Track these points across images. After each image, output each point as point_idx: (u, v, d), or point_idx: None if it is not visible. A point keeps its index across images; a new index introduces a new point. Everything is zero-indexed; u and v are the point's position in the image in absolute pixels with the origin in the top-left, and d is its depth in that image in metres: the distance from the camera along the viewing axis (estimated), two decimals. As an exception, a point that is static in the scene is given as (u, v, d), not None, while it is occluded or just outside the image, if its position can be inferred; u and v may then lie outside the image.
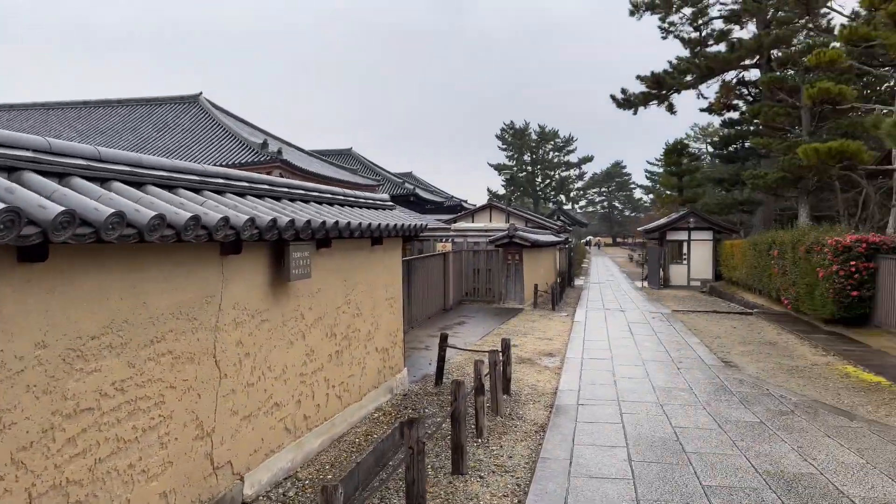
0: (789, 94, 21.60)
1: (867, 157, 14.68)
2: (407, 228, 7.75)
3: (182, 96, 35.81)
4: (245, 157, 28.96)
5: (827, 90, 15.30)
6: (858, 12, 15.75)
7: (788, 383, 8.96)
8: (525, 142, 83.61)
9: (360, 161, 50.41)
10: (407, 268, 13.23)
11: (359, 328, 6.96)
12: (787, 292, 16.61)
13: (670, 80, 34.82)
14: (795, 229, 17.36)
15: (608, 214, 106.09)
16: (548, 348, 11.64)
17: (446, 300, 16.75)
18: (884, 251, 13.22)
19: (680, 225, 28.31)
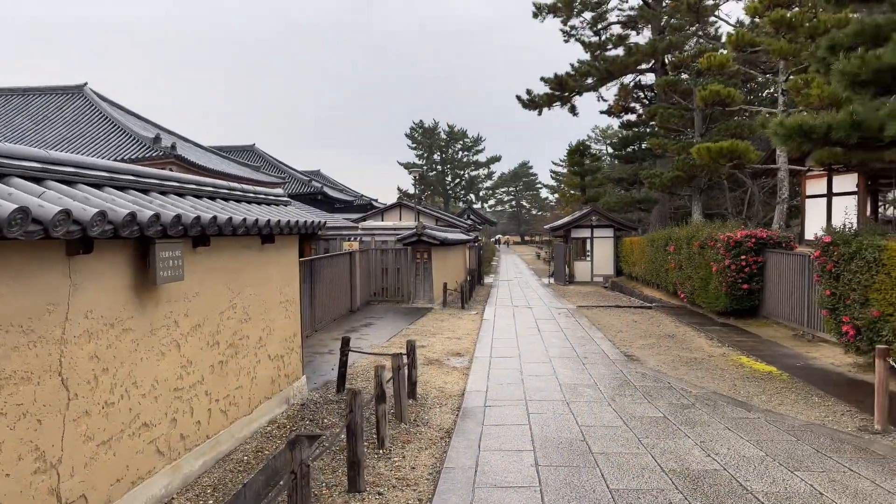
0: (683, 96, 22.64)
1: (754, 156, 15.50)
2: (303, 226, 7.19)
3: (65, 87, 32.89)
4: (135, 152, 27.00)
5: (717, 92, 16.07)
6: (743, 21, 16.62)
7: (688, 376, 9.15)
8: (435, 141, 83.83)
9: (263, 158, 48.44)
10: (309, 268, 12.58)
11: (248, 335, 6.34)
12: (684, 286, 17.30)
13: (572, 83, 35.81)
14: (690, 226, 18.14)
15: (516, 213, 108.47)
16: (456, 348, 11.38)
17: (353, 301, 16.17)
18: (771, 245, 13.96)
19: (583, 223, 29.11)
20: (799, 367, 9.63)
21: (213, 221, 4.98)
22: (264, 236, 6.60)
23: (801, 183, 23.39)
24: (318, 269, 13.26)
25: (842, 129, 9.15)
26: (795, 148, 10.02)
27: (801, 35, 15.02)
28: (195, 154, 32.65)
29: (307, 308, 12.35)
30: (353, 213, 45.57)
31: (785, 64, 15.62)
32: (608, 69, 33.69)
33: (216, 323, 5.68)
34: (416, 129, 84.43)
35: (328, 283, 14.02)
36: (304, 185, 44.56)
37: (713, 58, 16.01)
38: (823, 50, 10.19)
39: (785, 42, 15.07)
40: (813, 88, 13.68)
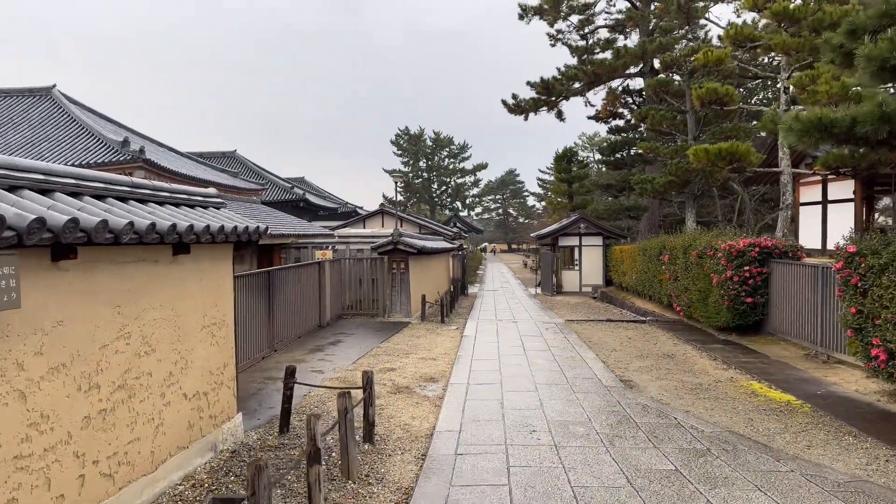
0: (675, 98, 21.57)
1: (755, 158, 14.38)
2: (231, 232, 5.84)
3: (32, 88, 31.41)
4: (102, 155, 25.64)
5: (715, 90, 14.94)
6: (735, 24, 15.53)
7: (696, 407, 7.88)
8: (420, 148, 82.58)
9: (244, 164, 46.99)
10: (266, 280, 11.20)
11: (149, 371, 4.97)
12: (680, 299, 16.10)
13: (559, 87, 34.76)
14: (686, 234, 16.98)
15: (503, 221, 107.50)
16: (431, 371, 10.03)
17: (322, 315, 14.78)
18: (776, 255, 12.79)
19: (571, 230, 27.94)
20: (820, 396, 8.40)
21: (72, 226, 3.63)
22: (177, 245, 5.24)
23: (794, 190, 22.48)
24: (279, 280, 11.88)
25: (868, 123, 7.97)
26: (812, 145, 8.84)
27: (805, 28, 13.94)
28: (168, 159, 31.22)
29: (265, 325, 10.98)
30: (337, 220, 44.18)
31: (787, 60, 14.53)
32: (596, 73, 32.63)
33: (96, 360, 4.31)
34: (402, 135, 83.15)
35: (291, 297, 12.64)
36: (285, 192, 43.22)
37: (710, 53, 14.91)
38: (841, 35, 9.03)
39: (787, 36, 13.98)
40: (820, 84, 12.57)
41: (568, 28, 38.05)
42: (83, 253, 4.11)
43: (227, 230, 5.74)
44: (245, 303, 10.01)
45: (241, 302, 9.82)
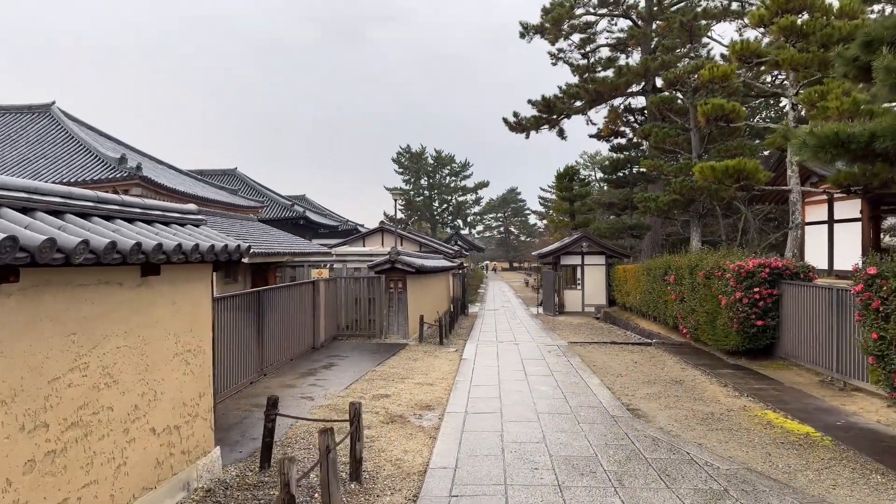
0: (678, 115, 21.26)
1: (763, 176, 13.97)
2: (208, 251, 5.39)
3: (31, 105, 31.35)
4: (99, 172, 25.40)
5: (721, 106, 14.58)
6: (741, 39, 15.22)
7: (708, 439, 7.36)
8: (422, 166, 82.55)
9: (244, 182, 46.85)
10: (257, 301, 10.75)
11: (110, 405, 4.49)
12: (686, 321, 15.59)
13: (561, 105, 34.58)
14: (692, 254, 16.52)
15: (505, 239, 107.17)
16: (427, 398, 9.52)
17: (316, 337, 14.28)
18: (787, 276, 12.32)
19: (573, 249, 27.48)
20: (840, 428, 7.87)
21: (12, 245, 3.18)
22: (144, 266, 4.80)
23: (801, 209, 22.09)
24: (269, 301, 11.41)
25: (889, 137, 7.55)
26: (829, 160, 8.42)
27: (814, 43, 13.61)
28: (166, 176, 31.00)
29: (253, 348, 10.50)
30: (337, 238, 43.83)
31: (794, 76, 14.18)
32: (598, 90, 32.46)
33: (44, 395, 3.84)
34: (404, 154, 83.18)
35: (283, 318, 12.16)
36: (285, 210, 43.02)
37: (716, 69, 14.57)
38: (857, 48, 8.65)
39: (795, 51, 13.64)
40: (831, 100, 12.20)
41: (569, 47, 37.99)
42: (28, 276, 3.67)
43: (203, 249, 5.29)
44: (231, 325, 9.54)
45: (226, 325, 9.36)
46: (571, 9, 33.52)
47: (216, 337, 8.69)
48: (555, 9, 33.29)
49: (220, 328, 9.05)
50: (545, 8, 34.46)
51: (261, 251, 15.85)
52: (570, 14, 33.75)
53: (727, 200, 20.47)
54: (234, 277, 17.20)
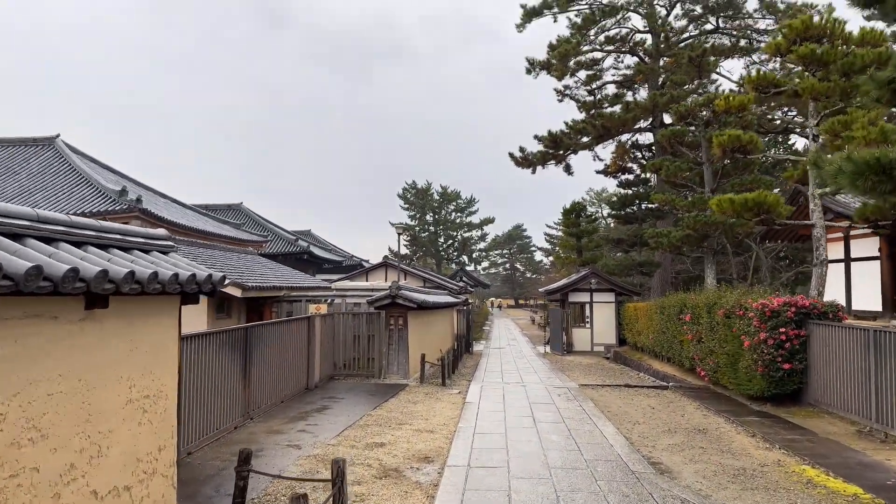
0: (690, 149, 20.70)
1: (784, 210, 13.25)
2: (171, 281, 4.66)
3: (35, 138, 31.36)
4: (99, 205, 25.09)
5: (737, 137, 13.95)
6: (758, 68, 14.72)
7: (745, 501, 6.46)
8: (427, 202, 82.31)
9: (249, 216, 46.66)
10: (243, 337, 9.97)
11: (35, 465, 3.70)
12: (704, 363, 14.68)
13: (567, 141, 34.22)
14: (709, 291, 15.70)
15: (510, 276, 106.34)
16: (426, 447, 8.64)
17: (311, 376, 13.42)
18: (814, 316, 11.47)
19: (582, 286, 26.64)
20: (892, 488, 6.96)
21: None
22: (89, 297, 4.06)
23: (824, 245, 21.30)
24: (259, 338, 10.63)
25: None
26: (870, 189, 7.67)
27: (834, 72, 13.04)
28: (168, 210, 30.67)
29: (238, 390, 9.69)
30: (341, 273, 43.22)
31: (814, 106, 13.59)
32: (605, 126, 32.10)
33: (-63, 458, 3.07)
34: (409, 189, 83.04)
35: (273, 356, 11.35)
36: (289, 245, 42.67)
37: (731, 99, 14.01)
38: (893, 69, 8.00)
39: (815, 80, 13.07)
40: (856, 130, 11.53)
41: (575, 84, 37.85)
42: (-82, 306, 2.94)
43: (164, 279, 4.56)
44: (213, 365, 8.76)
45: (207, 364, 8.58)
46: (578, 45, 33.42)
47: (189, 378, 7.92)
48: (561, 45, 33.20)
49: (199, 368, 8.28)
50: (551, 44, 34.40)
51: (255, 285, 15.13)
52: (576, 50, 33.63)
53: (742, 237, 19.71)
54: (228, 313, 16.46)
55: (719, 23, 34.26)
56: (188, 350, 7.90)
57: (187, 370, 7.85)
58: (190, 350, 7.94)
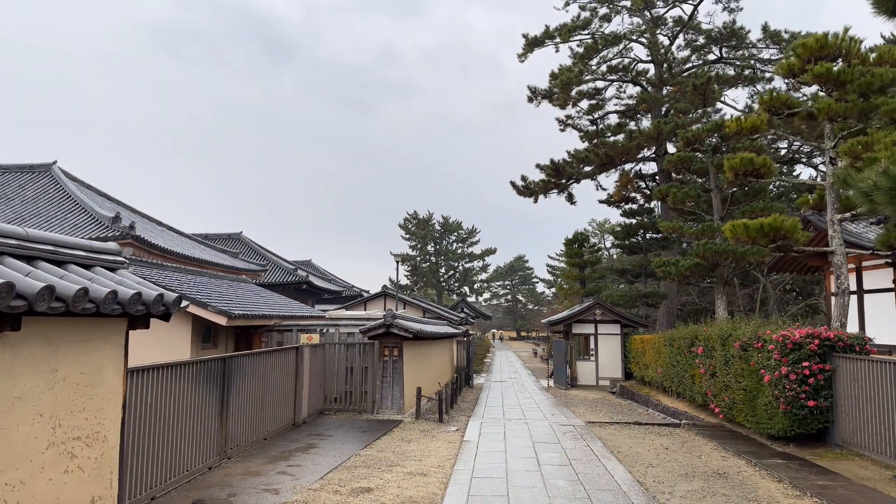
0: (697, 175, 20.08)
1: (802, 236, 12.51)
2: (110, 300, 3.90)
3: (32, 165, 31.17)
4: (92, 231, 24.62)
5: (750, 160, 13.30)
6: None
7: (784, 564, 5.56)
8: (429, 232, 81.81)
9: (248, 246, 46.25)
10: (221, 369, 9.15)
11: None
12: (719, 399, 13.76)
13: (570, 170, 33.75)
14: (722, 322, 14.87)
15: (512, 308, 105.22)
16: (418, 494, 7.75)
17: (297, 412, 12.53)
18: (840, 349, 10.63)
19: (586, 317, 25.76)
20: (949, 546, 6.06)
21: None
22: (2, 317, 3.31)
23: (825, 278, 20.46)
24: (239, 370, 9.80)
25: None
26: (909, 207, 6.95)
27: (852, 92, 12.45)
28: (164, 237, 30.14)
29: (213, 426, 8.83)
30: (341, 304, 42.51)
31: (831, 127, 12.96)
32: (608, 154, 31.61)
33: None
34: (411, 220, 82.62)
35: (256, 389, 10.50)
36: (288, 275, 42.09)
37: (743, 121, 13.40)
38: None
39: (832, 100, 12.47)
40: (879, 151, 10.88)
41: (577, 113, 37.57)
42: None
43: (98, 297, 3.80)
44: (184, 399, 7.93)
45: (177, 398, 7.75)
46: (580, 73, 33.17)
47: (154, 414, 7.07)
48: (563, 73, 32.96)
49: (166, 402, 7.45)
50: (553, 73, 34.18)
51: (241, 313, 14.33)
52: (578, 79, 33.38)
53: (752, 266, 18.95)
54: (214, 342, 15.63)
55: (722, 53, 34.12)
56: (153, 383, 7.09)
57: (152, 405, 7.03)
58: (155, 383, 7.13)
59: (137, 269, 14.86)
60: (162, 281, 14.64)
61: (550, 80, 34.53)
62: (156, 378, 7.11)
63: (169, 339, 13.85)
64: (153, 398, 7.02)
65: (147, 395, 6.90)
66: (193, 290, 15.01)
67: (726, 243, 17.41)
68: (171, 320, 14.26)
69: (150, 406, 6.93)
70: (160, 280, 14.70)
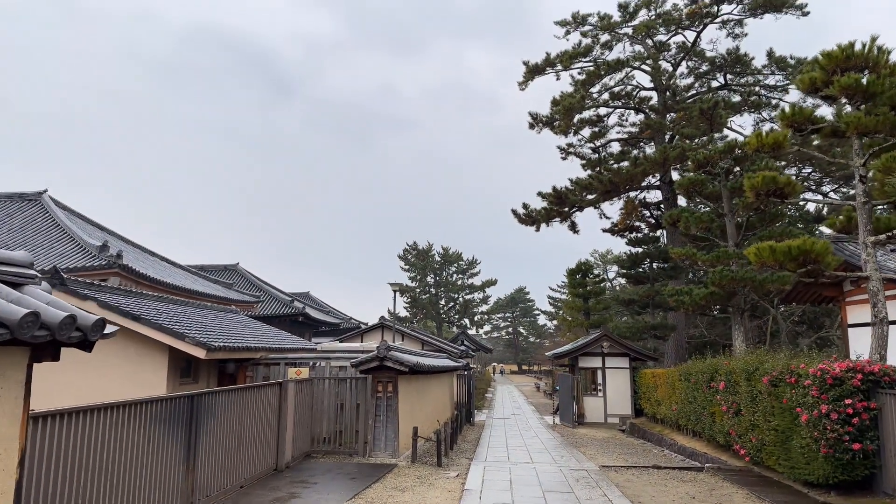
0: (709, 200, 19.13)
1: (833, 260, 11.47)
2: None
3: (22, 193, 30.57)
4: (79, 260, 23.76)
5: (773, 179, 12.33)
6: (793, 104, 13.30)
7: None
8: (428, 263, 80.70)
9: (244, 277, 45.38)
10: (188, 407, 8.00)
11: None
12: (744, 439, 12.54)
13: (573, 197, 32.90)
14: (748, 355, 13.71)
15: (513, 341, 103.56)
16: (410, 558, 6.53)
17: (280, 455, 11.29)
18: (886, 385, 9.48)
19: (593, 349, 24.52)
20: None
21: None
22: None
23: (841, 310, 19.33)
24: (209, 408, 8.64)
25: None
26: None
27: (882, 104, 11.55)
28: (154, 267, 29.19)
29: (179, 473, 7.65)
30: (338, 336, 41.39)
31: (860, 143, 12.04)
32: (612, 181, 30.77)
33: None
34: (410, 250, 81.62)
35: (231, 430, 9.31)
36: (284, 306, 41.13)
37: (764, 136, 12.48)
38: None
39: (861, 114, 11.56)
40: (919, 165, 9.88)
41: (579, 142, 36.93)
42: None
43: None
44: (136, 445, 6.76)
45: (133, 442, 6.60)
46: (582, 99, 32.56)
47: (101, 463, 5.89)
48: (565, 99, 32.35)
49: (106, 451, 6.29)
50: (555, 99, 33.58)
51: (221, 345, 13.18)
52: (580, 105, 32.75)
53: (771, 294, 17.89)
54: (194, 377, 14.45)
55: (727, 79, 33.60)
56: (81, 429, 5.94)
57: (82, 457, 5.87)
58: (84, 428, 5.98)
59: (112, 297, 13.78)
60: (138, 310, 13.55)
61: (552, 107, 33.94)
62: (86, 423, 5.95)
63: (142, 375, 12.69)
64: (84, 448, 5.86)
65: (72, 444, 5.71)
66: (173, 320, 13.90)
67: (743, 270, 16.37)
68: (144, 353, 13.14)
69: (80, 458, 5.77)
70: (137, 308, 13.61)
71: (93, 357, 13.05)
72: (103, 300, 12.81)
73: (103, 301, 12.73)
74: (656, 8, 33.23)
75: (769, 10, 30.41)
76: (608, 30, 33.80)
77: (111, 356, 12.55)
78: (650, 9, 33.27)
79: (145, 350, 12.86)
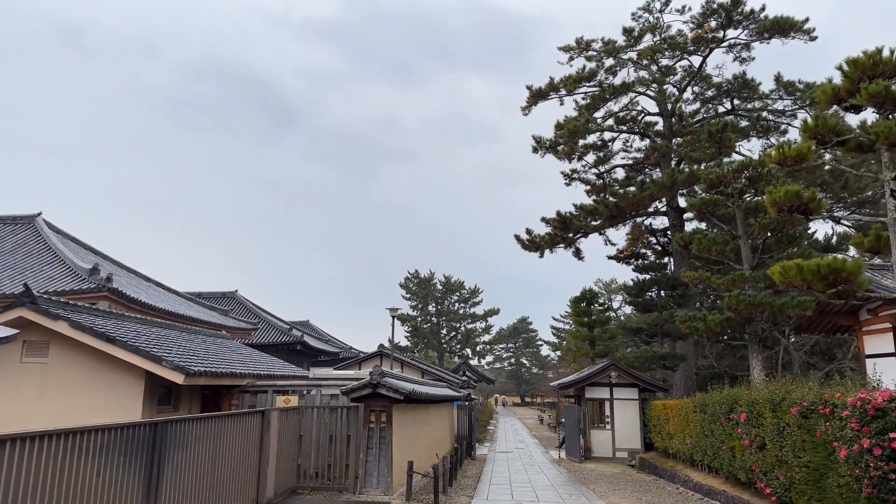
0: (723, 222, 18.28)
1: (865, 280, 10.55)
2: None
3: (15, 216, 30.11)
4: (69, 284, 23.07)
5: (797, 194, 11.51)
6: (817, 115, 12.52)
7: None
8: (430, 291, 79.67)
9: (243, 304, 44.60)
10: (149, 439, 7.05)
11: None
12: (770, 476, 11.44)
13: (577, 223, 32.13)
14: (774, 385, 12.69)
15: (516, 371, 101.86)
16: None
17: (261, 492, 10.23)
18: (933, 417, 8.47)
19: (600, 379, 23.41)
20: None
21: None
22: None
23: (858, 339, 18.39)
24: (178, 439, 7.66)
25: None
26: None
27: (913, 114, 10.76)
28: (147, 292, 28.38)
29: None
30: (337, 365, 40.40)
31: (890, 155, 11.23)
32: (618, 206, 30.02)
33: None
34: (412, 279, 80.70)
35: (203, 464, 8.31)
36: (282, 335, 40.32)
37: (787, 148, 11.70)
38: None
39: (892, 123, 10.77)
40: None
41: (584, 167, 36.31)
42: None
43: None
44: (88, 478, 5.80)
45: (81, 479, 5.64)
46: (587, 123, 32.02)
47: None
48: (569, 122, 31.84)
49: (62, 483, 5.33)
50: (559, 123, 33.10)
51: (202, 370, 12.21)
52: (585, 128, 32.20)
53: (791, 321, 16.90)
54: (175, 404, 13.45)
55: (734, 104, 33.08)
56: (28, 458, 5.01)
57: (32, 488, 4.93)
58: (34, 458, 5.05)
59: (88, 318, 12.88)
60: (117, 332, 12.65)
61: (556, 131, 33.41)
62: (14, 454, 5.01)
63: (115, 401, 11.72)
64: (12, 483, 4.91)
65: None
66: (152, 343, 12.97)
67: (761, 294, 15.42)
68: (119, 378, 12.17)
69: (8, 495, 4.82)
70: (115, 330, 12.71)
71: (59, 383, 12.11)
72: (76, 320, 11.91)
73: (76, 321, 11.83)
74: (661, 33, 32.91)
75: (776, 35, 30.02)
76: (613, 54, 33.42)
77: (82, 382, 11.62)
78: (655, 33, 32.95)
79: (119, 376, 11.91)
